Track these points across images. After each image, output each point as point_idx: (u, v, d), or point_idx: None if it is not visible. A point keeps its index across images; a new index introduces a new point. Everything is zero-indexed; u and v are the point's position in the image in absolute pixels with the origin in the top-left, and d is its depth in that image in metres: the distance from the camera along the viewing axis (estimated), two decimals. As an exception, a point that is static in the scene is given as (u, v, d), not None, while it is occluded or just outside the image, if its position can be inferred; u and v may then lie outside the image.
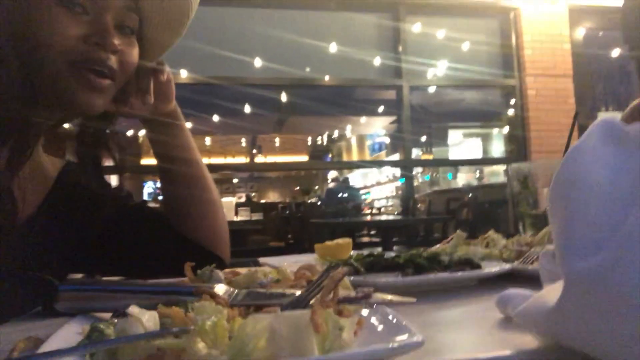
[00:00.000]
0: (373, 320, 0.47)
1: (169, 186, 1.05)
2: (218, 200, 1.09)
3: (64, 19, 0.77)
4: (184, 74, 5.20)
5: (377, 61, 5.97)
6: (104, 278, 1.02)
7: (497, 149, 9.81)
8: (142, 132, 0.98)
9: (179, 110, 1.05)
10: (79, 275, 1.03)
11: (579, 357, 0.38)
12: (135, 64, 0.89)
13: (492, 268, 0.81)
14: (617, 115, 0.52)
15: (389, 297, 0.54)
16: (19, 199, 0.78)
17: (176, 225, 1.04)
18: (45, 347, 0.41)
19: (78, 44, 0.78)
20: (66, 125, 0.98)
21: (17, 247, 0.81)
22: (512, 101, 6.22)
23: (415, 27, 6.01)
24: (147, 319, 0.41)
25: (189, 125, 1.09)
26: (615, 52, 6.28)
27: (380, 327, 0.45)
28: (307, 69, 5.86)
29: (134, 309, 0.41)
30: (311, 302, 0.48)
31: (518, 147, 6.15)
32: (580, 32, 6.35)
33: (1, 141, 0.75)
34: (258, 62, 5.61)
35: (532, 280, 0.73)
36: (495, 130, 9.68)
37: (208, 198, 1.06)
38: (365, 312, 0.50)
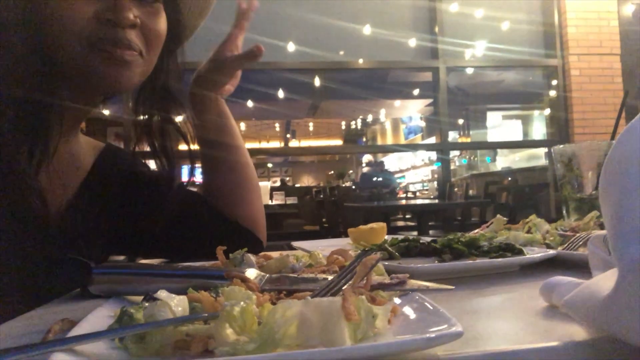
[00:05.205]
0: (408, 308, 0.45)
1: (212, 172, 1.06)
2: (258, 185, 1.11)
3: (73, 0, 0.75)
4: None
5: (412, 42, 5.84)
6: (145, 260, 1.03)
7: (538, 131, 9.52)
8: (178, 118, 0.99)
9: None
10: (120, 257, 1.05)
11: (632, 349, 0.35)
12: (164, 33, 0.86)
13: (535, 254, 0.78)
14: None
15: (426, 283, 0.52)
16: (50, 189, 0.78)
17: (217, 207, 1.05)
18: (77, 330, 0.41)
19: (91, 23, 0.76)
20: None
21: (56, 231, 0.82)
22: (554, 82, 5.99)
23: (453, 6, 5.85)
24: (175, 303, 0.40)
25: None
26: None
27: (416, 316, 0.43)
28: (341, 52, 5.80)
29: (162, 294, 0.40)
30: (343, 288, 0.46)
31: (560, 130, 5.94)
32: (629, 9, 6.03)
33: (20, 140, 0.73)
34: (291, 47, 5.59)
35: (578, 267, 0.69)
36: (536, 112, 9.39)
37: (249, 186, 1.07)
38: (400, 299, 0.48)
